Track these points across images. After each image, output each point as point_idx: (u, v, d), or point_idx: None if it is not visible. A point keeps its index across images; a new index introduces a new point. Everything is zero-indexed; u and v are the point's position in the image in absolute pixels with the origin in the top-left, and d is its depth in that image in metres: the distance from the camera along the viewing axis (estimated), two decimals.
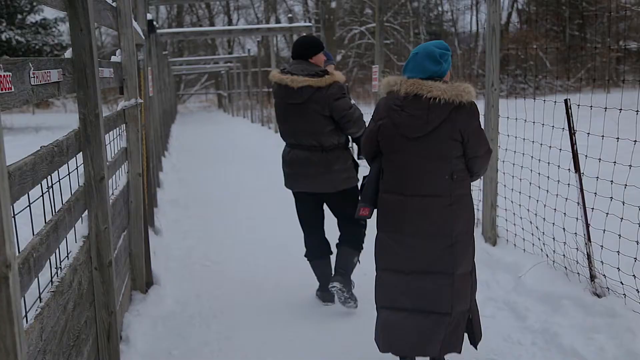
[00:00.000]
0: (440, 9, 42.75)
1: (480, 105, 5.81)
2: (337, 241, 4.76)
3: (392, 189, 3.35)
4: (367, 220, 3.97)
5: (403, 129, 3.26)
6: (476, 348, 3.51)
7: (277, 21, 42.21)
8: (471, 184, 3.45)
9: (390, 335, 3.40)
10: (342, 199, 4.60)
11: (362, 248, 4.70)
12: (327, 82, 4.40)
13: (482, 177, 5.44)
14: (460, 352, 3.39)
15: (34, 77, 2.21)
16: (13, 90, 1.99)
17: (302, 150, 4.55)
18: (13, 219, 1.79)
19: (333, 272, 4.69)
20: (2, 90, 1.88)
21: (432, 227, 3.25)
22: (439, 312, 3.27)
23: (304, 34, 6.23)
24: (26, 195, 2.11)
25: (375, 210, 3.52)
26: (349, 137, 4.65)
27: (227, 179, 10.98)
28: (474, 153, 3.27)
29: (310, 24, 17.28)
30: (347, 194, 4.58)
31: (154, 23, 8.65)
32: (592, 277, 4.15)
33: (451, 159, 3.24)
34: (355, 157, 4.78)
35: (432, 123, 3.19)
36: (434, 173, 3.24)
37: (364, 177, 3.59)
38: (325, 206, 4.82)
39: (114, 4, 4.35)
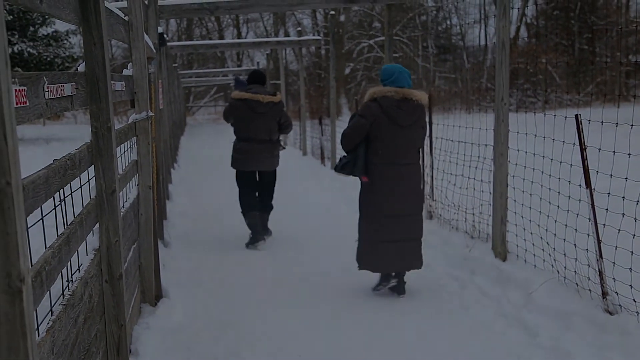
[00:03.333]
0: (448, 22, 42.90)
1: (490, 119, 5.83)
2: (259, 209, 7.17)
3: (388, 160, 5.01)
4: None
5: (400, 120, 4.96)
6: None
7: (286, 34, 42.34)
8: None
9: (386, 258, 5.08)
10: (271, 175, 7.18)
11: (272, 208, 7.30)
12: (279, 99, 6.97)
13: (492, 192, 5.49)
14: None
15: (48, 91, 2.22)
16: (28, 104, 2.00)
17: (257, 143, 6.93)
18: (26, 232, 1.79)
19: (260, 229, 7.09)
20: (17, 104, 1.89)
21: (413, 183, 5.12)
22: (417, 238, 5.18)
23: (256, 68, 8.62)
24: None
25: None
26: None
27: (236, 192, 10.97)
28: (424, 135, 5.28)
29: (319, 37, 17.36)
30: (275, 171, 7.20)
31: (165, 36, 8.69)
32: (604, 294, 4.11)
33: (419, 139, 5.19)
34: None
35: (414, 116, 5.01)
36: (413, 148, 5.12)
37: (344, 157, 5.11)
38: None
39: (126, 18, 4.38)
